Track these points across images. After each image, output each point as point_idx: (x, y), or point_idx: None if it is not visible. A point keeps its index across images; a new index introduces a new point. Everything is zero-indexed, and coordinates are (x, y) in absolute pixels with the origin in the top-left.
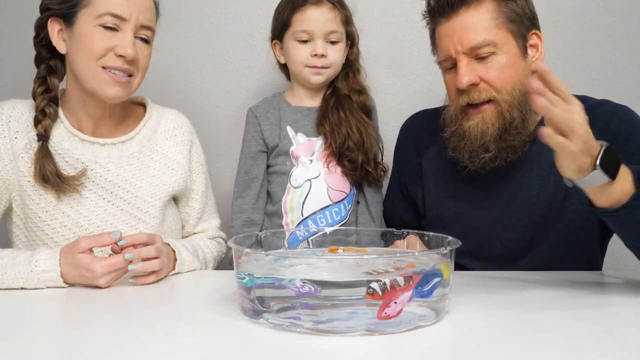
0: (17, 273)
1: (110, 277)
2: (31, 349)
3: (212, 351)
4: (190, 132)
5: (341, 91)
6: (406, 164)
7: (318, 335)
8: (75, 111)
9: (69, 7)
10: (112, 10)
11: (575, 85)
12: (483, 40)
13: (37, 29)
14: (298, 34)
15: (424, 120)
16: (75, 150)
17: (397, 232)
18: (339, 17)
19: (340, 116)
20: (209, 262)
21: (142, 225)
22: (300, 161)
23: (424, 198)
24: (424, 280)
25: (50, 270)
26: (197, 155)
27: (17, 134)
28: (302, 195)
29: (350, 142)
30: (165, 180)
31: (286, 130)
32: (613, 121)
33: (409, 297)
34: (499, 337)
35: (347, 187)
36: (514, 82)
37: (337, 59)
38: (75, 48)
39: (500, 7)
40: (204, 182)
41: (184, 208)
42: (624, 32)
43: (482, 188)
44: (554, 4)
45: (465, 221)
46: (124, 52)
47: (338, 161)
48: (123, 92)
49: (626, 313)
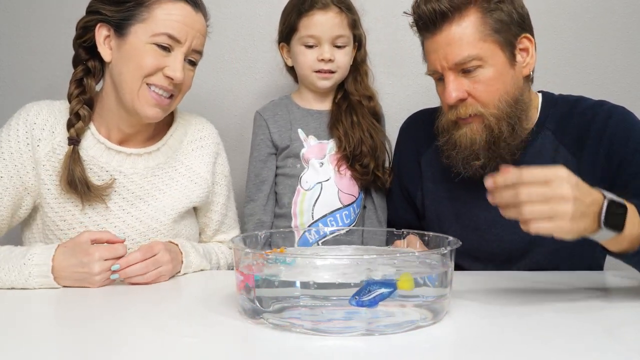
0: (11, 267)
1: (107, 275)
2: (30, 349)
3: (212, 351)
4: (217, 142)
5: (352, 96)
6: (406, 163)
7: (318, 335)
8: (106, 119)
9: (123, 18)
10: (169, 32)
11: (575, 85)
12: (467, 55)
13: (80, 30)
14: (305, 39)
15: (423, 120)
16: (100, 158)
17: (397, 232)
18: (346, 21)
19: (354, 120)
20: (222, 267)
21: (157, 236)
22: (310, 164)
23: (423, 198)
24: (364, 289)
25: (42, 264)
26: (222, 167)
27: (39, 142)
28: (312, 198)
29: (364, 146)
30: (187, 195)
31: (297, 132)
32: (610, 123)
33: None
34: (499, 337)
35: (356, 191)
36: (501, 94)
37: (345, 63)
38: (124, 60)
39: (485, 18)
40: (225, 194)
41: (202, 218)
42: (624, 32)
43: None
44: (554, 4)
45: (463, 222)
46: (173, 74)
47: (349, 165)
48: (161, 114)
49: (627, 313)
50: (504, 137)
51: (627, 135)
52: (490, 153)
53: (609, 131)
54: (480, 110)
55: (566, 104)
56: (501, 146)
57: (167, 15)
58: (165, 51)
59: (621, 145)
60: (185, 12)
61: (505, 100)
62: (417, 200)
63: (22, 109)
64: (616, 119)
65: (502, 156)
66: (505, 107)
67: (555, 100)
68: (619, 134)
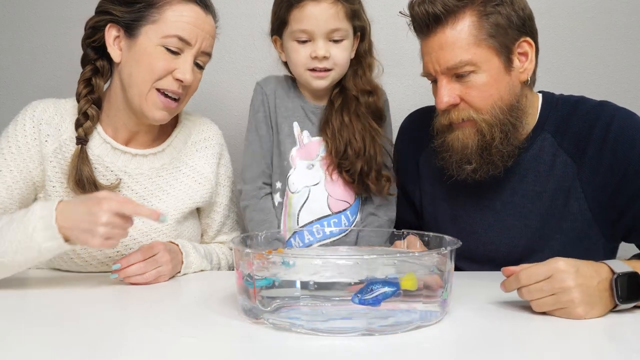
0: (15, 227)
1: (111, 232)
2: (30, 347)
3: (212, 351)
4: (221, 143)
5: (349, 92)
6: (404, 163)
7: (318, 335)
8: (113, 119)
9: (133, 19)
10: (179, 34)
11: (575, 85)
12: (460, 61)
13: (89, 30)
14: (296, 34)
15: (422, 119)
16: (106, 158)
17: (397, 232)
18: (342, 11)
19: (344, 121)
20: (222, 267)
21: (159, 236)
22: (297, 165)
23: (421, 198)
24: (367, 288)
25: (47, 216)
26: (225, 168)
27: (47, 137)
28: (299, 203)
29: (350, 150)
30: (191, 195)
31: (292, 125)
32: (613, 129)
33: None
34: (498, 337)
35: (351, 197)
36: (494, 101)
37: (343, 59)
38: (134, 62)
39: (481, 22)
40: (228, 195)
41: (205, 219)
42: (624, 32)
43: (477, 191)
44: (554, 4)
45: (461, 224)
46: (183, 77)
47: (338, 170)
48: (168, 116)
49: (627, 313)
50: (496, 144)
51: (632, 142)
52: (482, 158)
53: (612, 137)
54: (472, 115)
55: (566, 106)
56: (493, 152)
57: (178, 17)
58: (174, 54)
59: (626, 153)
60: (195, 13)
61: (499, 107)
62: (416, 200)
63: (28, 106)
64: (619, 124)
65: (494, 162)
66: (499, 113)
67: (555, 101)
68: (623, 141)
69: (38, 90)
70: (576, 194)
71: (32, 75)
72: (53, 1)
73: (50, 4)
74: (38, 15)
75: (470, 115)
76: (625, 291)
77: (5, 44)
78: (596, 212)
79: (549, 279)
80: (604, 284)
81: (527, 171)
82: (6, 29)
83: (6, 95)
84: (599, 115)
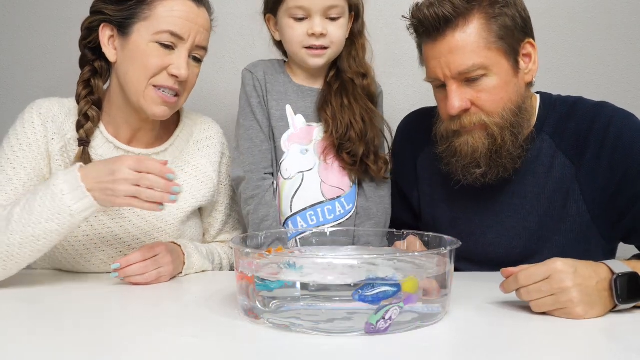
0: (41, 197)
1: (132, 189)
2: (30, 347)
3: (212, 351)
4: (222, 142)
5: (345, 74)
6: (402, 163)
7: (318, 335)
8: (115, 118)
9: (125, 17)
10: (171, 29)
11: (575, 85)
12: (472, 64)
13: (84, 31)
14: (293, 11)
15: (421, 121)
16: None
17: (397, 232)
18: None
19: (344, 102)
20: (224, 267)
21: (162, 236)
22: (291, 150)
23: (420, 200)
24: (368, 285)
25: (71, 180)
26: (227, 167)
27: (54, 136)
28: (292, 189)
29: (352, 132)
30: (194, 194)
31: (285, 109)
32: (611, 130)
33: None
34: (498, 337)
35: (346, 184)
36: (505, 103)
37: (339, 37)
38: (129, 61)
39: (490, 24)
40: (230, 194)
41: (207, 218)
42: (624, 32)
43: (476, 193)
44: (554, 4)
45: (460, 225)
46: (178, 72)
47: (337, 153)
48: (168, 112)
49: (627, 313)
50: (508, 146)
51: (631, 143)
52: (492, 162)
53: (610, 138)
54: (484, 119)
55: (564, 106)
56: (503, 155)
57: (169, 12)
58: (168, 49)
59: (625, 155)
60: (187, 7)
61: (509, 109)
62: (414, 201)
63: (33, 104)
64: (618, 125)
65: (504, 165)
66: (510, 116)
67: (553, 102)
68: (622, 142)
69: (38, 90)
70: (575, 195)
71: (32, 75)
72: (53, 1)
73: (50, 4)
74: (38, 15)
75: (482, 119)
76: (625, 291)
77: (5, 44)
78: (595, 213)
79: (548, 279)
80: (603, 284)
81: (525, 173)
82: (6, 29)
83: (6, 95)
84: (598, 117)
